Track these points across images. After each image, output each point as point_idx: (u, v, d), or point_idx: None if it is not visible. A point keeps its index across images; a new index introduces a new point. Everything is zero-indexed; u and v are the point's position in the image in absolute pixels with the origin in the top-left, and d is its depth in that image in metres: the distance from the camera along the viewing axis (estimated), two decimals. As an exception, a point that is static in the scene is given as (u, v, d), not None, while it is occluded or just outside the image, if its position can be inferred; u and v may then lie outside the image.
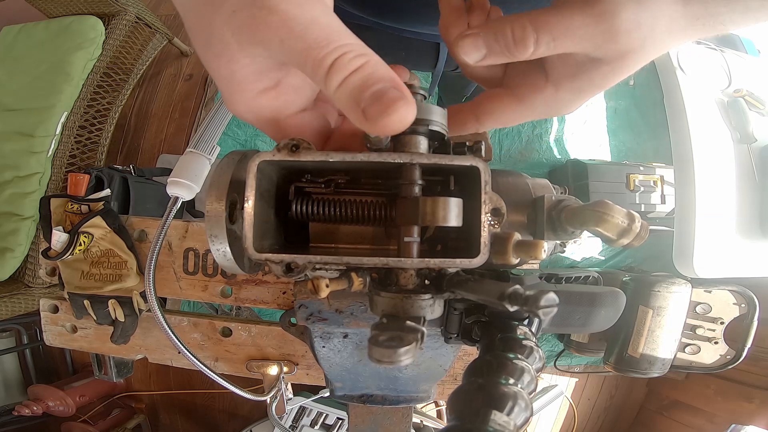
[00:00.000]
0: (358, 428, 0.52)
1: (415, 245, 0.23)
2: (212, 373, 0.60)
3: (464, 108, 0.30)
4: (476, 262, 0.22)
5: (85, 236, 0.70)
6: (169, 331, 0.58)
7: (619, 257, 1.71)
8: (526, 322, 0.29)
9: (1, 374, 1.77)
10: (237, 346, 0.72)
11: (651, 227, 0.88)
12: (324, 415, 1.37)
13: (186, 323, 0.73)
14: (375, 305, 0.24)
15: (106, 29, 1.48)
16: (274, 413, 0.65)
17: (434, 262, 0.23)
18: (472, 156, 0.23)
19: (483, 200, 0.22)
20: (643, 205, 1.55)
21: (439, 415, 1.57)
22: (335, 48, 0.19)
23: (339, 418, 1.37)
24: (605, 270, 1.59)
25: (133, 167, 1.35)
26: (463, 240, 0.25)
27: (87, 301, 0.71)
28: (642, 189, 1.55)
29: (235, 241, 0.25)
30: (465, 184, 0.25)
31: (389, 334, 0.19)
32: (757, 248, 1.11)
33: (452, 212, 0.22)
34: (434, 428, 1.40)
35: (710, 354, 1.24)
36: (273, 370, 0.70)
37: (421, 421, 1.43)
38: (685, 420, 1.53)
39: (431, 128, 0.24)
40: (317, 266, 0.24)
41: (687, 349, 1.24)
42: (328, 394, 0.51)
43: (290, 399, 0.69)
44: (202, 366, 0.60)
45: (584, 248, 1.69)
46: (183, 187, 0.57)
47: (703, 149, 1.11)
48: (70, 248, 0.69)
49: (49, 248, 0.71)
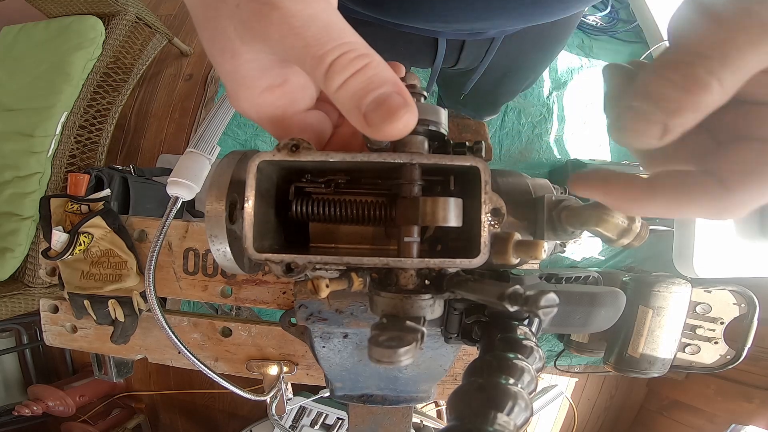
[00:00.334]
0: (358, 428, 0.52)
1: (415, 245, 0.23)
2: (212, 373, 0.60)
3: (686, 171, 0.19)
4: (476, 262, 0.22)
5: (85, 236, 0.70)
6: (169, 331, 0.58)
7: (619, 257, 1.71)
8: (526, 322, 0.29)
9: (1, 374, 1.77)
10: (237, 346, 0.72)
11: (651, 227, 0.88)
12: (324, 415, 1.37)
13: (186, 323, 0.73)
14: (375, 305, 0.24)
15: (106, 29, 1.48)
16: (274, 413, 0.65)
17: (434, 262, 0.23)
18: (472, 156, 0.23)
19: (483, 200, 0.22)
20: (644, 205, 1.55)
21: (439, 415, 1.57)
22: (335, 47, 0.19)
23: (339, 418, 1.37)
24: (605, 270, 1.59)
25: (133, 167, 1.35)
26: (463, 240, 0.25)
27: (87, 301, 0.71)
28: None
29: (235, 241, 0.25)
30: (465, 184, 0.25)
31: (389, 334, 0.19)
32: (757, 248, 1.11)
33: (452, 212, 0.22)
34: (434, 428, 1.40)
35: (710, 354, 1.24)
36: (273, 370, 0.70)
37: (421, 421, 1.43)
38: (685, 420, 1.53)
39: (431, 128, 0.24)
40: (317, 266, 0.24)
41: (687, 349, 1.24)
42: (328, 394, 0.51)
43: (290, 399, 0.69)
44: (202, 366, 0.60)
45: (584, 248, 1.69)
46: (183, 187, 0.57)
47: (703, 149, 1.10)
48: (70, 248, 0.69)
49: (49, 248, 0.71)
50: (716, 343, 1.23)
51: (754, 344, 1.18)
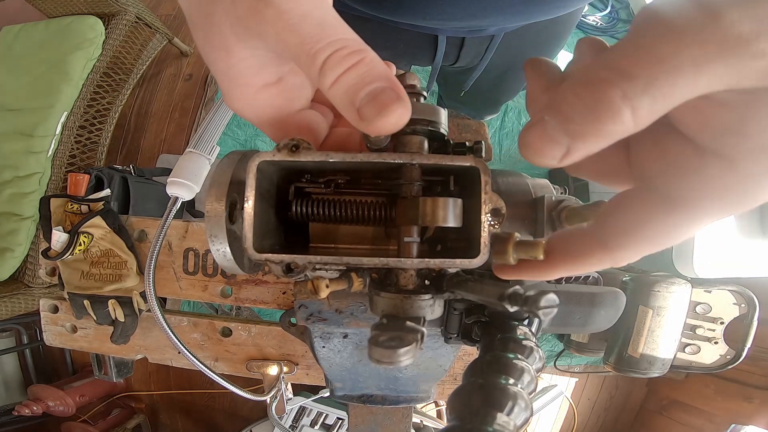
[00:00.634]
0: (358, 428, 0.52)
1: (415, 245, 0.23)
2: (212, 373, 0.60)
3: (578, 232, 0.19)
4: (476, 263, 0.22)
5: (85, 236, 0.70)
6: (169, 331, 0.58)
7: (619, 257, 1.71)
8: (526, 323, 0.29)
9: (1, 374, 1.77)
10: (237, 346, 0.72)
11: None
12: (324, 415, 1.37)
13: (186, 323, 0.73)
14: (375, 305, 0.24)
15: (106, 29, 1.48)
16: (274, 413, 0.65)
17: (434, 263, 0.23)
18: (472, 156, 0.23)
19: (483, 200, 0.22)
20: (643, 205, 1.55)
21: (439, 415, 1.57)
22: (329, 43, 0.19)
23: (339, 418, 1.37)
24: (605, 270, 1.58)
25: (133, 167, 1.35)
26: (463, 240, 0.25)
27: (87, 301, 0.71)
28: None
29: (235, 241, 0.25)
30: (465, 184, 0.25)
31: (389, 335, 0.19)
32: (757, 248, 1.11)
33: (452, 212, 0.22)
34: (434, 428, 1.40)
35: (710, 354, 1.24)
36: (273, 370, 0.70)
37: (421, 421, 1.43)
38: (685, 420, 1.53)
39: (431, 128, 0.24)
40: (317, 266, 0.24)
41: (687, 349, 1.24)
42: (328, 394, 0.51)
43: (290, 399, 0.69)
44: (202, 366, 0.60)
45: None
46: (183, 187, 0.57)
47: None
48: (70, 248, 0.69)
49: (49, 248, 0.71)
50: (716, 343, 1.23)
51: (754, 344, 1.18)
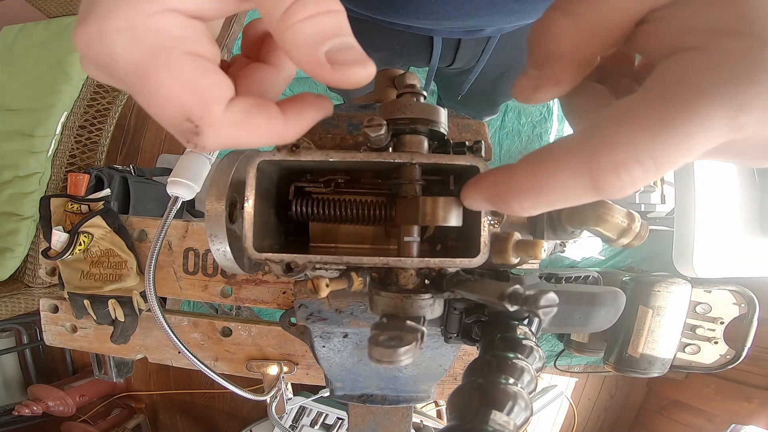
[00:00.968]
0: (358, 428, 0.52)
1: (415, 245, 0.23)
2: (212, 373, 0.60)
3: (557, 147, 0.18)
4: (476, 262, 0.22)
5: (85, 236, 0.70)
6: (169, 331, 0.58)
7: (619, 257, 1.71)
8: (526, 322, 0.29)
9: (1, 374, 1.77)
10: (237, 346, 0.72)
11: (651, 227, 0.88)
12: (324, 415, 1.37)
13: (186, 323, 0.73)
14: (375, 305, 0.24)
15: (106, 29, 1.48)
16: (274, 413, 0.65)
17: (434, 262, 0.23)
18: (472, 156, 0.23)
19: (483, 200, 0.22)
20: (643, 205, 1.55)
21: (439, 415, 1.57)
22: None
23: (339, 418, 1.37)
24: (605, 270, 1.58)
25: (133, 167, 1.35)
26: (463, 240, 0.25)
27: (87, 301, 0.71)
28: (642, 188, 1.55)
29: (235, 241, 0.25)
30: (465, 184, 0.25)
31: (389, 334, 0.19)
32: (757, 248, 1.11)
33: (452, 212, 0.22)
34: (434, 428, 1.40)
35: (710, 354, 1.24)
36: (273, 370, 0.70)
37: (421, 421, 1.43)
38: (685, 420, 1.53)
39: (431, 128, 0.24)
40: (317, 266, 0.24)
41: (687, 349, 1.24)
42: (328, 394, 0.50)
43: (290, 399, 0.69)
44: (202, 366, 0.60)
45: (584, 248, 1.69)
46: (183, 187, 0.57)
47: (703, 149, 1.10)
48: (70, 248, 0.69)
49: (49, 248, 0.71)
50: (716, 343, 1.23)
51: (754, 344, 1.18)
